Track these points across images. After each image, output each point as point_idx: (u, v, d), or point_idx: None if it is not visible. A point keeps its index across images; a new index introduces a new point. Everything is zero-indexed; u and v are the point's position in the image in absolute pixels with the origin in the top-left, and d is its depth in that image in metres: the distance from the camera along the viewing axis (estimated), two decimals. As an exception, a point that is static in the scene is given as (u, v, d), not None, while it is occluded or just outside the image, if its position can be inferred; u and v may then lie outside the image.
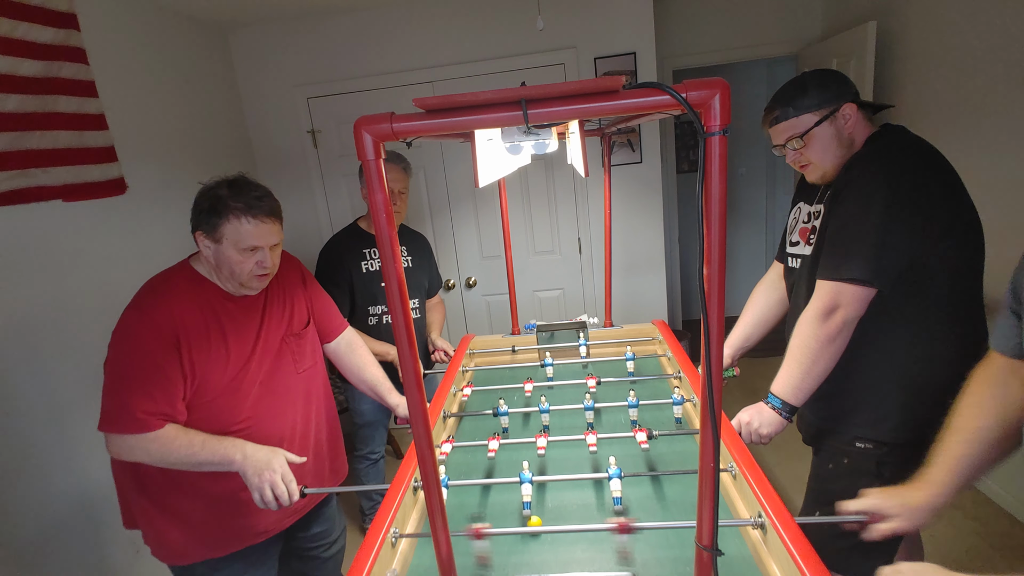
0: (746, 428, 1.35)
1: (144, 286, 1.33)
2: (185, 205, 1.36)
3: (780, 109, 1.32)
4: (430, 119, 0.63)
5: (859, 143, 1.33)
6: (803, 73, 1.34)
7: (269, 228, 1.31)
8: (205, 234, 1.29)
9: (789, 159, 1.38)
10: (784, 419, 1.32)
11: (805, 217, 1.48)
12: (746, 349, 1.68)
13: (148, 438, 1.20)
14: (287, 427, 1.42)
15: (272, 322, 1.42)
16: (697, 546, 0.78)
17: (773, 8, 3.34)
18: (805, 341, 1.27)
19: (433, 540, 0.81)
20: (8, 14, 1.67)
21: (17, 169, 1.69)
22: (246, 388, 1.34)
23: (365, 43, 2.98)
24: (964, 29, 2.23)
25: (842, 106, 1.28)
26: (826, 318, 1.23)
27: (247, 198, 1.28)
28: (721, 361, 0.66)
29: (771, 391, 1.33)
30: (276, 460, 1.25)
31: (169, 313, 1.25)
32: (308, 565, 1.64)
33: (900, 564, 0.83)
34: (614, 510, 1.16)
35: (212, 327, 1.31)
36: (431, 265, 2.43)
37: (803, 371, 1.28)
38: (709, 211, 0.60)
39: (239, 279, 1.32)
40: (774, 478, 2.66)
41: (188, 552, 1.34)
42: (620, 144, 3.04)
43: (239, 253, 1.29)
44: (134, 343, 1.23)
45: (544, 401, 1.50)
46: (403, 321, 0.70)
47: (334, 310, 1.64)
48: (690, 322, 4.42)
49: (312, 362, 1.51)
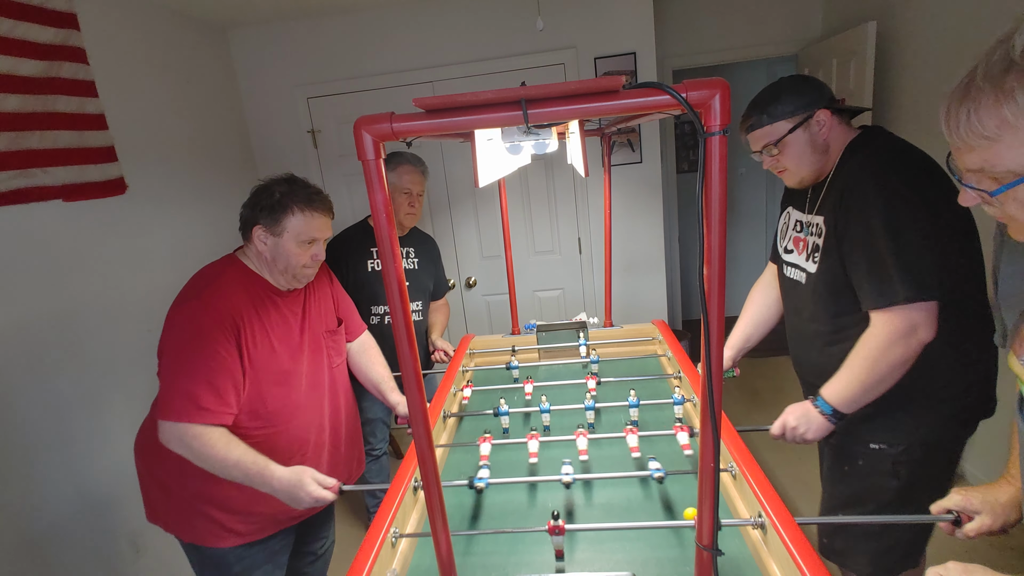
0: (791, 432, 1.33)
1: (196, 277, 1.36)
2: (185, 205, 1.37)
3: (755, 116, 1.33)
4: (430, 119, 0.63)
5: (836, 149, 1.32)
6: (779, 80, 1.35)
7: (326, 222, 1.41)
8: (265, 228, 1.35)
9: (766, 165, 1.39)
10: (832, 424, 1.29)
11: (795, 225, 1.47)
12: (747, 350, 1.67)
13: (197, 433, 1.22)
14: (324, 419, 1.47)
15: (313, 318, 1.48)
16: (697, 546, 0.78)
17: (773, 8, 3.34)
18: (874, 364, 1.21)
19: (433, 540, 0.81)
20: (8, 14, 1.67)
21: (17, 169, 1.69)
22: (293, 381, 1.38)
23: (365, 43, 2.97)
24: (964, 29, 2.23)
25: (816, 112, 1.28)
26: (904, 342, 1.18)
27: (307, 192, 1.37)
28: (721, 361, 0.66)
29: (823, 396, 1.29)
30: (305, 476, 1.26)
31: (230, 303, 1.29)
32: (302, 562, 1.65)
33: (948, 563, 0.83)
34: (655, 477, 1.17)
35: (264, 320, 1.35)
36: (437, 268, 2.43)
37: (864, 388, 1.23)
38: (709, 211, 0.60)
39: (293, 271, 1.38)
40: (774, 478, 2.66)
41: (227, 536, 1.37)
42: (620, 144, 3.04)
43: (298, 246, 1.36)
44: (196, 332, 1.25)
45: (544, 401, 1.50)
46: (403, 321, 0.70)
47: (355, 311, 1.70)
48: (690, 322, 4.41)
49: (342, 359, 1.59)
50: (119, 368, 2.03)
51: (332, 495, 1.27)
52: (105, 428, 1.97)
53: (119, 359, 2.03)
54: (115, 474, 1.98)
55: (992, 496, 0.97)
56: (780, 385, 3.49)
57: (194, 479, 1.32)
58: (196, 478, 1.32)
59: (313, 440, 1.43)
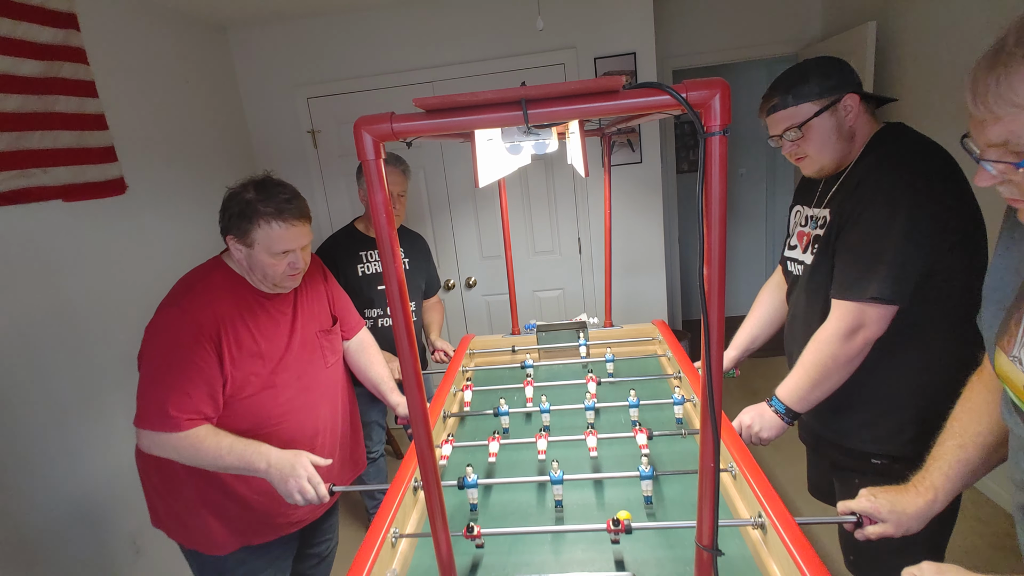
0: (747, 431, 1.34)
1: (180, 283, 1.34)
2: (185, 205, 1.36)
3: (779, 97, 1.25)
4: (430, 119, 0.63)
5: (860, 138, 1.26)
6: (805, 60, 1.26)
7: (300, 230, 1.32)
8: (236, 239, 1.30)
9: (785, 150, 1.31)
10: (786, 424, 1.30)
11: (803, 220, 1.43)
12: (752, 350, 1.66)
13: (179, 437, 1.21)
14: (319, 420, 1.45)
15: (304, 319, 1.45)
16: (697, 546, 0.78)
17: (773, 8, 3.34)
18: (821, 358, 1.22)
19: (433, 540, 0.81)
20: (8, 14, 1.67)
21: (17, 169, 1.69)
22: (281, 384, 1.36)
23: (365, 43, 2.98)
24: (964, 29, 2.23)
25: (844, 97, 1.21)
26: (848, 339, 1.18)
27: (276, 202, 1.28)
28: (721, 361, 0.66)
29: (776, 395, 1.30)
30: (300, 465, 1.25)
31: (210, 311, 1.26)
32: (306, 564, 1.64)
33: (922, 564, 0.83)
34: (645, 510, 1.17)
35: (249, 324, 1.32)
36: (429, 266, 2.43)
37: (813, 384, 1.24)
38: (709, 211, 0.60)
39: (272, 280, 1.34)
40: (774, 478, 2.66)
41: (225, 542, 1.36)
42: (620, 144, 3.04)
43: (271, 257, 1.30)
44: (173, 341, 1.23)
45: (544, 401, 1.50)
46: (403, 322, 0.70)
47: (352, 308, 1.67)
48: (690, 322, 4.41)
49: (337, 357, 1.55)
50: (119, 368, 2.03)
51: (318, 498, 1.25)
52: (105, 428, 1.97)
53: (119, 358, 2.03)
54: (114, 475, 1.98)
55: (900, 506, 0.98)
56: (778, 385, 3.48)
57: (187, 486, 1.31)
58: (188, 484, 1.31)
59: (307, 442, 1.41)
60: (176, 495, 1.35)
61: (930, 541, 1.26)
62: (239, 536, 1.37)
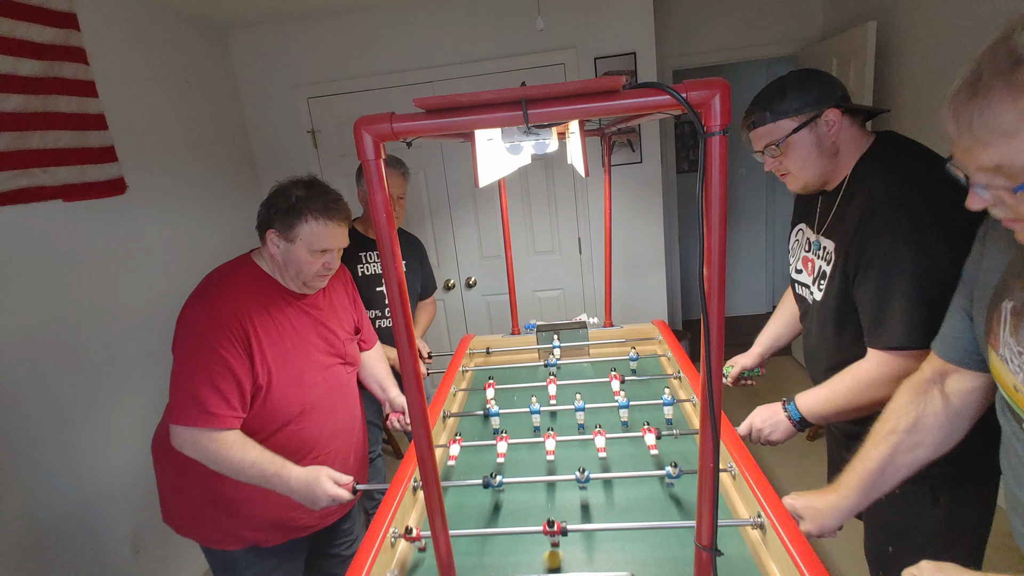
0: (757, 433, 1.32)
1: (208, 279, 1.35)
2: (185, 205, 1.36)
3: (757, 113, 1.22)
4: (430, 119, 0.63)
5: (847, 153, 1.21)
6: (786, 74, 1.23)
7: (342, 232, 1.35)
8: (279, 233, 1.31)
9: (768, 166, 1.28)
10: (796, 431, 1.28)
11: (806, 245, 1.39)
12: (776, 348, 1.64)
13: (210, 437, 1.21)
14: (337, 422, 1.46)
15: (328, 322, 1.46)
16: (697, 546, 0.78)
17: (773, 8, 3.34)
18: (858, 395, 1.16)
19: (433, 540, 0.81)
20: (8, 14, 1.67)
21: (17, 169, 1.69)
22: (306, 385, 1.37)
23: (365, 43, 2.98)
24: (964, 29, 2.23)
25: (824, 112, 1.17)
26: (891, 384, 1.10)
27: (325, 200, 1.31)
28: (721, 361, 0.66)
29: (795, 402, 1.26)
30: (320, 482, 1.25)
31: (237, 308, 1.27)
32: (331, 562, 1.65)
33: (921, 563, 0.83)
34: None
35: (277, 324, 1.33)
36: (425, 267, 2.43)
37: (839, 411, 1.20)
38: (709, 211, 0.60)
39: (304, 278, 1.35)
40: (774, 478, 2.66)
41: (235, 541, 1.37)
42: (620, 144, 3.04)
43: (310, 254, 1.32)
44: (202, 336, 1.24)
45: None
46: (403, 322, 0.70)
47: (369, 322, 1.70)
48: (690, 322, 4.41)
49: (356, 365, 1.58)
50: (119, 367, 2.03)
51: (348, 494, 1.26)
52: (105, 427, 1.97)
53: (119, 358, 2.04)
54: (115, 473, 1.98)
55: (814, 503, 1.01)
56: (780, 385, 3.48)
57: (199, 482, 1.32)
58: (201, 481, 1.31)
59: (325, 442, 1.42)
60: (191, 492, 1.35)
61: (969, 558, 1.23)
62: (247, 536, 1.38)
